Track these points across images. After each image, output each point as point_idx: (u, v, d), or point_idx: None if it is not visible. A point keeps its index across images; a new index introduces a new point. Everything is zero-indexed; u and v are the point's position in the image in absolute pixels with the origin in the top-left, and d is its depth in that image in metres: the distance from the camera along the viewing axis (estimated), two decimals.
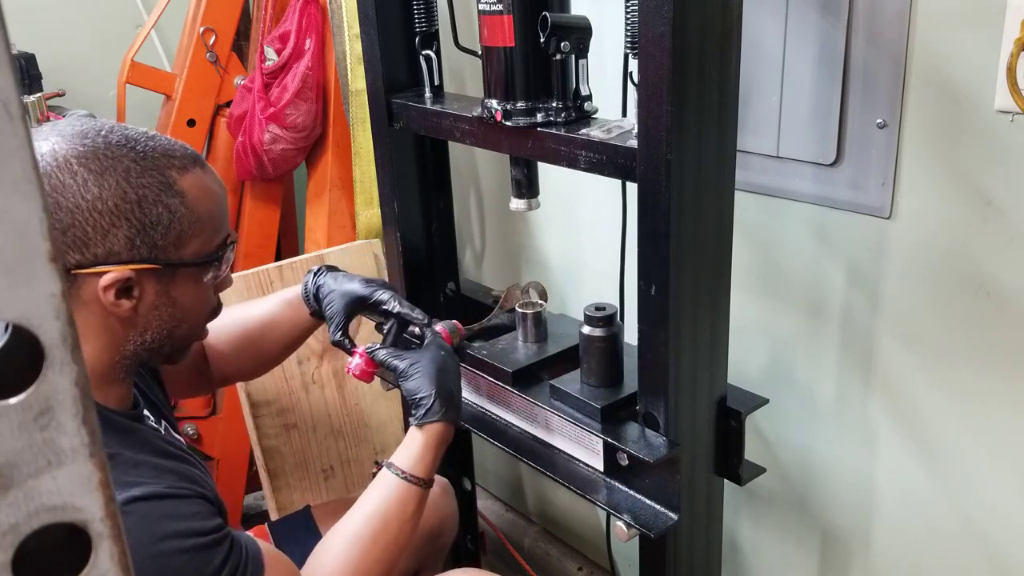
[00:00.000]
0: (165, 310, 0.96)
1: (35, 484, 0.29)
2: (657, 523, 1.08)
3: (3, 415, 0.28)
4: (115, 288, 0.90)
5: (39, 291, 0.28)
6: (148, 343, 0.97)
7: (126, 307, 0.92)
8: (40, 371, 0.29)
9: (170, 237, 0.92)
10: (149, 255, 0.91)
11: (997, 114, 1.04)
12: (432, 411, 1.11)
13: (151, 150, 0.92)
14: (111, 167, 0.88)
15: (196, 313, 1.01)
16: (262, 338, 1.33)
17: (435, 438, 1.12)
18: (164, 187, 0.92)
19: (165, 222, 0.92)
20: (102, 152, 0.88)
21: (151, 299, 0.94)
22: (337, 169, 1.96)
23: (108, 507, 0.31)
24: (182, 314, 0.98)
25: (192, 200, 0.94)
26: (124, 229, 0.89)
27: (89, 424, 0.30)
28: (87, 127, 0.91)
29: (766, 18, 1.22)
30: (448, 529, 1.49)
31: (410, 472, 1.09)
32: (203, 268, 0.98)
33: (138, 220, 0.89)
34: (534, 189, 1.25)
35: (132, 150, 0.91)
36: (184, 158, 0.95)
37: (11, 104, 0.26)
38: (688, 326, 1.04)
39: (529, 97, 1.13)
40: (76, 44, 2.33)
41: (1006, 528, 1.18)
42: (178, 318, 0.98)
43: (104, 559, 0.31)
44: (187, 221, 0.94)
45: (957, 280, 1.13)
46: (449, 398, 1.13)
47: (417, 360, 1.15)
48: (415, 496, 1.10)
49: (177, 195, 0.93)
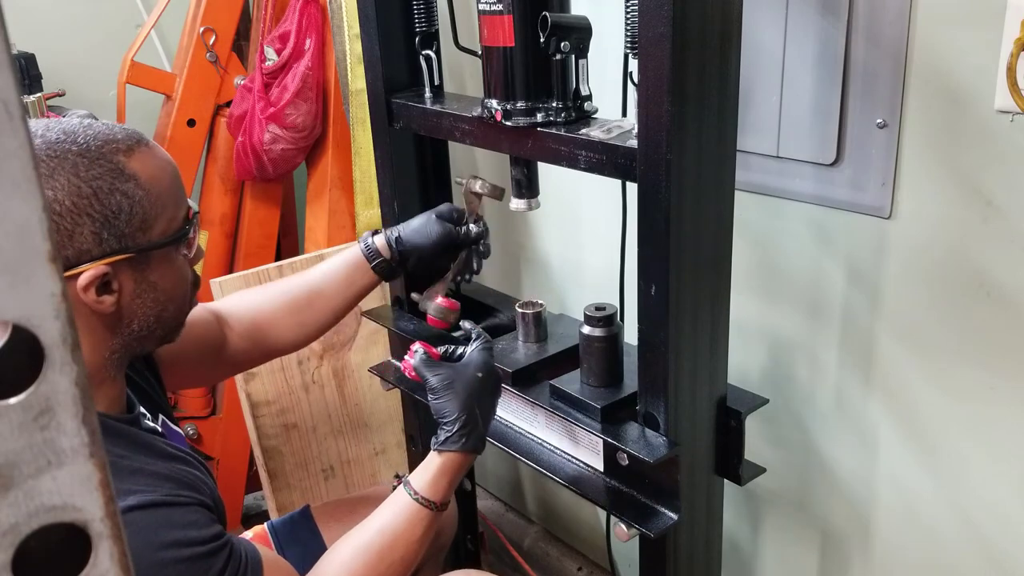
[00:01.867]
0: (148, 296, 0.96)
1: (35, 484, 0.29)
2: (657, 523, 1.08)
3: (3, 415, 0.28)
4: (94, 286, 0.90)
5: (39, 291, 0.28)
6: (137, 332, 0.97)
7: (109, 302, 0.92)
8: (40, 371, 0.28)
9: (135, 223, 0.92)
10: (119, 245, 0.91)
11: (997, 114, 1.04)
12: (451, 440, 1.09)
13: (92, 139, 0.91)
14: (58, 167, 0.88)
15: (178, 291, 1.00)
16: (310, 305, 1.33)
17: (452, 465, 1.10)
18: (115, 174, 0.91)
19: (127, 209, 0.91)
20: (45, 153, 0.88)
21: (131, 288, 0.94)
22: (337, 169, 1.96)
23: (108, 507, 0.31)
24: (165, 296, 0.98)
25: (146, 180, 0.93)
26: (88, 226, 0.89)
27: (89, 424, 0.30)
28: None
29: (766, 18, 1.22)
30: (447, 529, 1.49)
31: (423, 495, 1.09)
32: (174, 246, 0.98)
33: (99, 213, 0.89)
34: (534, 189, 1.25)
35: (74, 143, 0.90)
36: (127, 139, 0.94)
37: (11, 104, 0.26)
38: (688, 326, 1.04)
39: (529, 97, 1.13)
40: (76, 44, 2.33)
41: (1006, 528, 1.18)
42: (162, 301, 0.98)
43: (104, 559, 0.31)
44: (147, 203, 0.93)
45: (957, 280, 1.13)
46: (473, 426, 1.10)
47: (451, 380, 1.11)
48: (426, 518, 1.09)
49: (130, 179, 0.92)
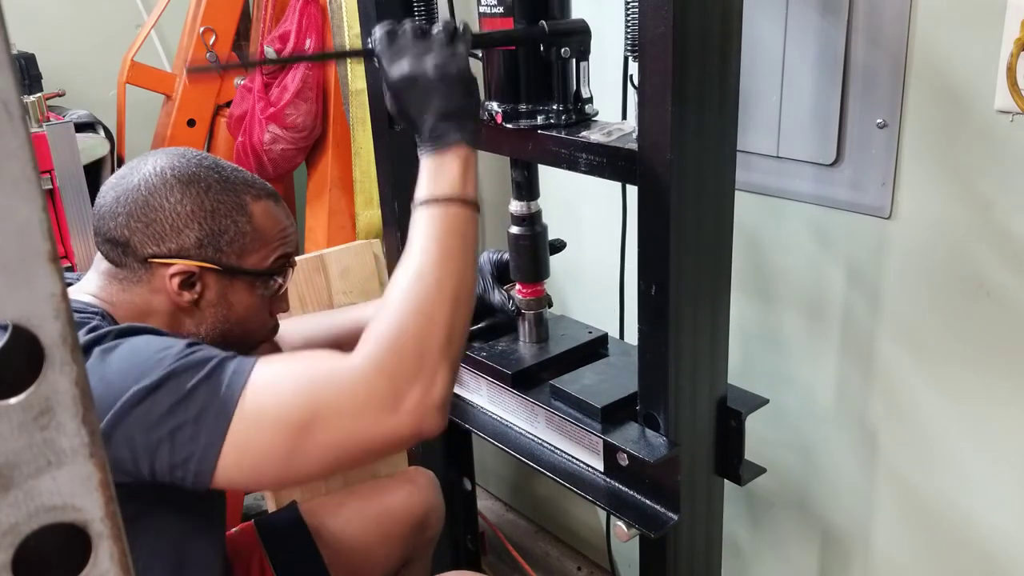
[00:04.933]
0: (220, 310, 1.05)
1: (35, 484, 0.29)
2: (657, 523, 1.08)
3: (3, 415, 0.28)
4: (179, 278, 1.01)
5: (39, 291, 0.28)
6: (201, 336, 1.05)
7: (187, 298, 1.02)
8: (40, 371, 0.28)
9: (234, 247, 1.04)
10: (213, 257, 1.03)
11: (997, 114, 1.04)
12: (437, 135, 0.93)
13: (234, 177, 1.06)
14: (196, 181, 1.02)
15: (249, 321, 1.08)
16: None
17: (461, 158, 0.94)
18: (237, 207, 1.04)
19: (231, 233, 1.03)
20: (192, 170, 1.03)
21: (209, 297, 1.04)
22: (337, 169, 1.96)
23: (108, 507, 0.31)
24: (235, 319, 1.06)
25: (258, 222, 1.06)
26: (195, 231, 1.01)
27: (89, 424, 0.30)
28: (189, 151, 1.07)
29: (766, 18, 1.22)
30: (435, 521, 1.50)
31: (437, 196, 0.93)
32: (258, 280, 1.07)
33: (208, 226, 1.02)
34: (534, 191, 1.25)
35: (218, 174, 1.04)
36: (261, 189, 1.08)
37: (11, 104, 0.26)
38: (688, 326, 1.04)
39: (530, 99, 1.13)
40: (76, 44, 2.33)
41: (1005, 528, 1.18)
42: (232, 321, 1.06)
43: (104, 559, 0.31)
44: (250, 237, 1.05)
45: (957, 280, 1.13)
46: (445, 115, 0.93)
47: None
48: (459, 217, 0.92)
49: (246, 215, 1.05)
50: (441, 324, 0.87)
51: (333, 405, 0.84)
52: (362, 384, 0.84)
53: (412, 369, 0.85)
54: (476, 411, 1.35)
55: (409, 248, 0.93)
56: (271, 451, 0.84)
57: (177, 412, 0.84)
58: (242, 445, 0.84)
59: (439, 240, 0.91)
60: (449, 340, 0.87)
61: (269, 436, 0.84)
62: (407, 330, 0.86)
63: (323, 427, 0.83)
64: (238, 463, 0.84)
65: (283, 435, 0.84)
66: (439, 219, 0.92)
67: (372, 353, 0.85)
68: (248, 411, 0.84)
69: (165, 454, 0.84)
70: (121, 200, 1.01)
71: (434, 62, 0.93)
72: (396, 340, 0.85)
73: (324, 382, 0.85)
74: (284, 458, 0.85)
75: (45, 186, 1.66)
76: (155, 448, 0.84)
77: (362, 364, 0.85)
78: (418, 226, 0.93)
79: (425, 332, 0.86)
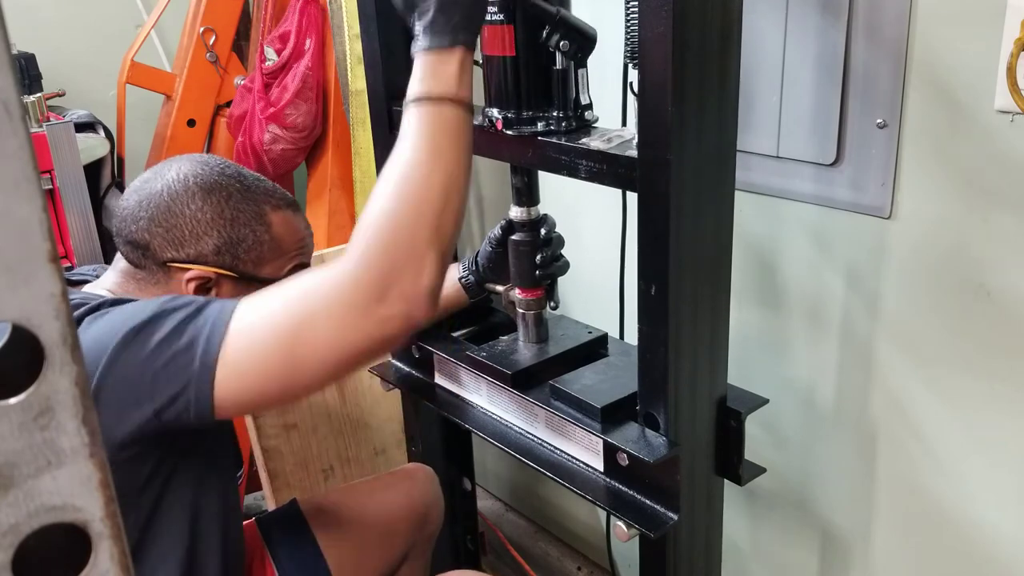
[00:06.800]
0: None
1: (35, 484, 0.29)
2: (657, 523, 1.08)
3: (3, 415, 0.28)
4: (195, 283, 1.04)
5: (39, 291, 0.28)
6: None
7: None
8: (40, 371, 0.29)
9: (251, 255, 1.07)
10: (231, 264, 1.06)
11: (997, 114, 1.04)
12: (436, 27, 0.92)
13: (255, 187, 1.08)
14: (217, 189, 1.05)
15: None
16: None
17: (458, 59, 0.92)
18: (256, 216, 1.07)
19: (249, 242, 1.07)
20: (214, 178, 1.06)
21: None
22: (337, 169, 1.96)
23: (108, 507, 0.31)
24: None
25: (276, 232, 1.09)
26: (214, 238, 1.05)
27: (89, 424, 0.30)
28: (213, 159, 1.10)
29: (766, 18, 1.22)
30: (435, 516, 1.50)
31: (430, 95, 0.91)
32: None
33: (227, 234, 1.05)
34: (534, 197, 1.25)
35: (240, 183, 1.07)
36: (281, 199, 1.11)
37: (11, 104, 0.26)
38: (688, 326, 1.04)
39: (530, 106, 1.13)
40: (76, 44, 2.33)
41: (1005, 528, 1.18)
42: None
43: (104, 559, 0.31)
44: (267, 247, 1.08)
45: (957, 280, 1.13)
46: None
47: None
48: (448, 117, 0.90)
49: (265, 225, 1.08)
50: (429, 215, 0.85)
51: (321, 306, 0.83)
52: (349, 280, 0.84)
53: (399, 259, 0.84)
54: (476, 411, 1.35)
55: (399, 145, 0.90)
56: (268, 364, 0.84)
57: (171, 342, 0.85)
58: (238, 364, 0.84)
59: (430, 138, 0.89)
60: (437, 232, 0.86)
61: (262, 349, 0.84)
62: (393, 221, 0.85)
63: (314, 330, 0.83)
64: (238, 383, 0.85)
65: (276, 345, 0.84)
66: (431, 117, 0.90)
67: (358, 248, 0.85)
68: (239, 329, 0.85)
69: (163, 385, 0.85)
70: (144, 204, 1.04)
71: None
72: (382, 231, 0.85)
73: (311, 288, 0.85)
74: (282, 370, 0.84)
75: (45, 186, 1.66)
76: (152, 382, 0.85)
77: (348, 262, 0.85)
78: (410, 124, 0.90)
79: (412, 223, 0.85)
